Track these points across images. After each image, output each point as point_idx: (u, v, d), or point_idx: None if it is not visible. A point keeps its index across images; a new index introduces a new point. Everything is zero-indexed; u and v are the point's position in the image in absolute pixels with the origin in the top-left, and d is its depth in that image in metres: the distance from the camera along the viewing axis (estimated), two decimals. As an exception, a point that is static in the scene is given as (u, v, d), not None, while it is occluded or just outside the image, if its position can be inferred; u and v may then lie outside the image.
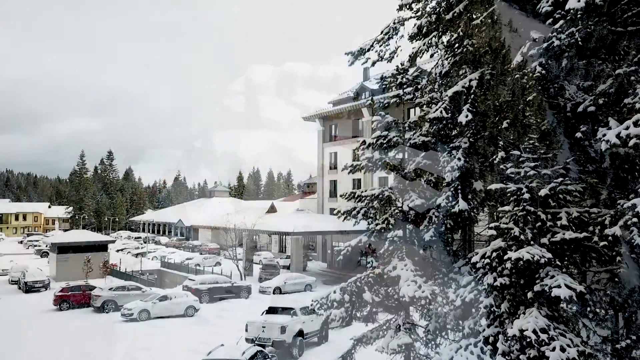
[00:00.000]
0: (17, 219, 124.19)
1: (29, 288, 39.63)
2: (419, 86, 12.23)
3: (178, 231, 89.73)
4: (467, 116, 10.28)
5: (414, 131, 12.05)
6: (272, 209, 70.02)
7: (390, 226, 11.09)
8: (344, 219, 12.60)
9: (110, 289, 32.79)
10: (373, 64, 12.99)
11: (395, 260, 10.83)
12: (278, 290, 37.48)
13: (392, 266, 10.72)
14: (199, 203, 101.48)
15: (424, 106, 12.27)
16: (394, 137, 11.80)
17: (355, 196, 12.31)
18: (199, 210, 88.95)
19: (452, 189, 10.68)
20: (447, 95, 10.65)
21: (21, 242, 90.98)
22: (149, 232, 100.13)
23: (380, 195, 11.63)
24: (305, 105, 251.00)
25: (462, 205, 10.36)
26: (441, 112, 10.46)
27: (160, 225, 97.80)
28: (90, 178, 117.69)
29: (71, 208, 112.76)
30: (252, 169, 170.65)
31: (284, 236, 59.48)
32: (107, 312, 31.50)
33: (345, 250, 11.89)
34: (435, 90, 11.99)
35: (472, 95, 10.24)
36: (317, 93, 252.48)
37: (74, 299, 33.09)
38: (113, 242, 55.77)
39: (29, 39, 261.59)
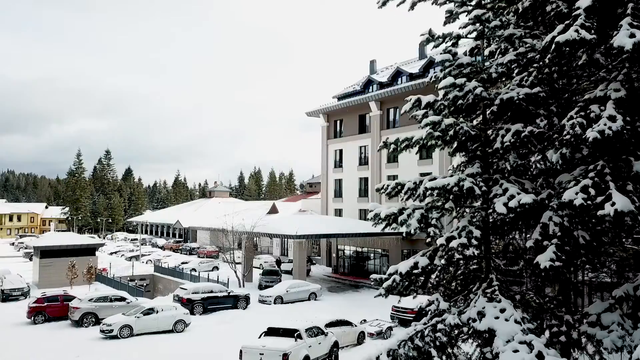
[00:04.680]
0: (11, 219, 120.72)
1: (5, 296, 36.01)
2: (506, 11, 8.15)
3: (176, 233, 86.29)
4: (632, 36, 5.99)
5: (508, 81, 7.81)
6: (273, 210, 66.33)
7: (474, 240, 6.84)
8: (385, 226, 8.06)
9: (90, 300, 29.02)
10: (413, 5, 9.08)
11: (482, 299, 6.54)
12: (279, 300, 33.80)
13: (476, 310, 6.52)
14: (198, 203, 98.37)
15: (518, 41, 8.09)
16: (475, 88, 7.49)
17: (406, 191, 7.74)
18: (197, 211, 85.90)
19: (592, 175, 6.58)
20: (580, 8, 6.52)
21: (13, 243, 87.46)
22: (147, 233, 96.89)
23: (456, 188, 6.99)
24: (309, 100, 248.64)
25: (620, 202, 5.97)
26: (577, 31, 6.31)
27: (158, 226, 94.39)
28: (87, 178, 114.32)
29: (67, 209, 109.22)
30: (253, 168, 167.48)
31: (286, 239, 55.83)
32: (86, 327, 27.83)
33: (391, 281, 7.69)
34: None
35: (631, 4, 6.21)
36: (320, 87, 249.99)
37: (49, 310, 29.41)
38: (102, 245, 52.00)
39: (38, 41, 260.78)
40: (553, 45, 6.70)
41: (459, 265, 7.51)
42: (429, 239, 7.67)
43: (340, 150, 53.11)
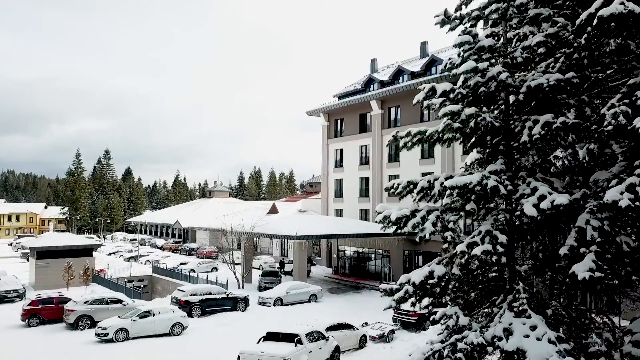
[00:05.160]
0: (10, 219, 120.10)
1: (1, 298, 35.35)
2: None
3: (175, 233, 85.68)
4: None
5: (532, 67, 7.01)
6: (273, 210, 65.72)
7: (499, 247, 6.07)
8: (396, 230, 7.31)
9: (85, 302, 28.37)
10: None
11: (508, 314, 5.77)
12: (279, 302, 33.15)
13: (502, 327, 5.72)
14: (198, 204, 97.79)
15: (545, 22, 7.33)
16: (499, 73, 6.63)
17: (419, 190, 6.90)
18: (197, 211, 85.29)
19: (639, 172, 5.85)
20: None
21: (11, 244, 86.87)
22: (146, 233, 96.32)
23: (478, 187, 6.08)
24: (309, 100, 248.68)
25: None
26: (623, 4, 5.53)
27: (157, 226, 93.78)
28: (86, 178, 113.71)
29: (66, 209, 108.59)
30: (253, 168, 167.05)
31: (286, 239, 55.20)
32: (81, 330, 27.19)
33: (403, 292, 6.99)
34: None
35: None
36: (321, 87, 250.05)
37: (44, 313, 28.78)
38: (99, 245, 51.33)
39: (38, 41, 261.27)
40: (595, 21, 5.69)
41: (476, 273, 6.80)
42: (445, 245, 6.92)
43: (341, 150, 52.50)
